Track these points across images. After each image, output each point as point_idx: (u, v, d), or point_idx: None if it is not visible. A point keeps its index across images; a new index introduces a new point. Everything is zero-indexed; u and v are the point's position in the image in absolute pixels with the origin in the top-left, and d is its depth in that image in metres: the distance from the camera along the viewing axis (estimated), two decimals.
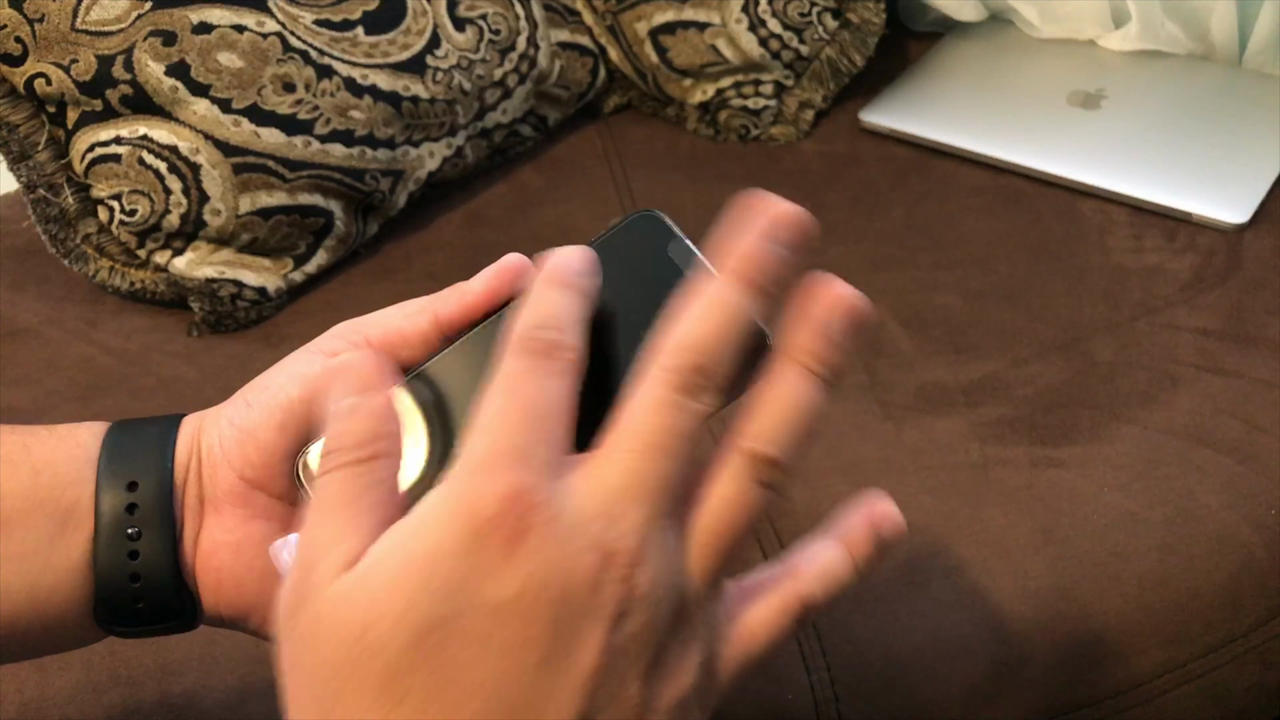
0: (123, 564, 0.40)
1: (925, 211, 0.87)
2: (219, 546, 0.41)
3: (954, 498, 0.65)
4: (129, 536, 0.40)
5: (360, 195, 0.84)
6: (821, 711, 0.58)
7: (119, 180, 0.78)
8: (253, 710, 0.56)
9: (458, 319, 0.41)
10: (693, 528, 0.32)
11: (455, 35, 0.87)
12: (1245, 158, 0.87)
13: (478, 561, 0.29)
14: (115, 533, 0.40)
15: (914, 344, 0.76)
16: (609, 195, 0.92)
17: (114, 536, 0.40)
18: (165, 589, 0.40)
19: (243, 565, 0.41)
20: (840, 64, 0.95)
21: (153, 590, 0.40)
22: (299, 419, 0.40)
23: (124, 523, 0.40)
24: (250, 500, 0.40)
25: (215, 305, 0.81)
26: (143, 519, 0.40)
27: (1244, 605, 0.63)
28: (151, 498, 0.40)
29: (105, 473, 0.40)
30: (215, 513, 0.41)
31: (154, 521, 0.40)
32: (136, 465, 0.40)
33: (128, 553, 0.40)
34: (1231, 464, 0.66)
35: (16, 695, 0.57)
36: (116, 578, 0.40)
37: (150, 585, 0.40)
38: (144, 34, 0.77)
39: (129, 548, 0.40)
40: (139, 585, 0.40)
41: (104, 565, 0.40)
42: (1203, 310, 0.76)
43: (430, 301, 0.41)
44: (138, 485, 0.40)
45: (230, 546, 0.41)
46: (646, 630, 0.30)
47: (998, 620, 0.60)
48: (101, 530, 0.40)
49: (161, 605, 0.40)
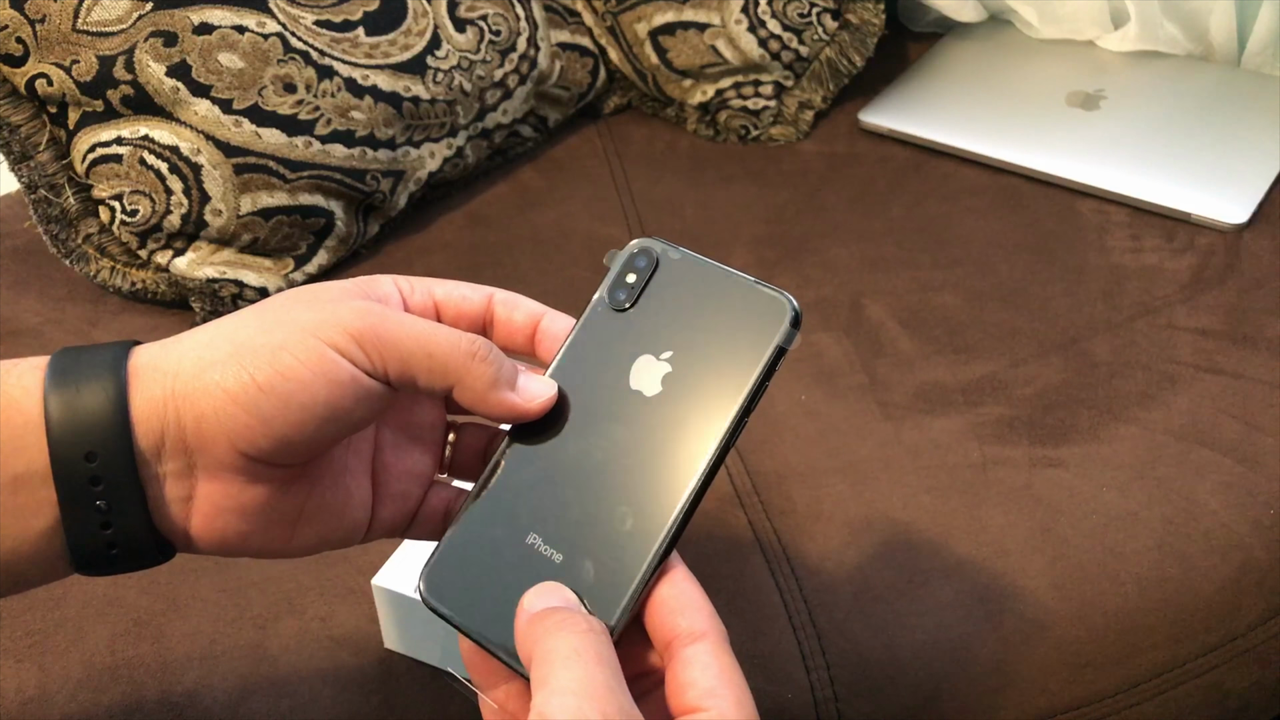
0: (96, 534, 0.39)
1: (925, 211, 0.87)
2: (222, 511, 0.40)
3: (954, 498, 0.65)
4: (99, 510, 0.39)
5: (361, 195, 0.84)
6: (821, 711, 0.58)
7: (120, 180, 0.78)
8: (253, 709, 0.56)
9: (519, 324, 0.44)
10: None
11: (456, 36, 0.87)
12: (1244, 158, 0.87)
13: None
14: (84, 506, 0.38)
15: (914, 344, 0.76)
16: (609, 195, 0.92)
17: (83, 510, 0.38)
18: (143, 545, 0.40)
19: (248, 524, 0.41)
20: (840, 64, 0.95)
21: (130, 549, 0.40)
22: (319, 421, 0.39)
23: (90, 495, 0.38)
24: (254, 469, 0.40)
25: (216, 305, 0.81)
26: (110, 490, 0.38)
27: (1243, 605, 0.63)
28: (115, 466, 0.38)
29: (58, 443, 0.38)
30: (212, 479, 0.40)
31: (122, 490, 0.39)
32: (92, 433, 0.38)
33: (100, 523, 0.39)
34: (1231, 464, 0.66)
35: (16, 695, 0.57)
36: (92, 545, 0.39)
37: (127, 547, 0.40)
38: (145, 35, 0.77)
39: (100, 519, 0.39)
40: (116, 550, 0.39)
41: (76, 535, 0.39)
42: (1202, 310, 0.76)
43: (476, 338, 0.41)
44: (97, 455, 0.38)
45: (235, 511, 0.40)
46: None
47: (997, 620, 0.60)
48: (67, 504, 0.38)
49: (139, 555, 0.40)
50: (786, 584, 0.62)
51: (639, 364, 0.41)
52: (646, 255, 0.42)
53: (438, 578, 0.41)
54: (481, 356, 0.40)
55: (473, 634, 0.40)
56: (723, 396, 0.40)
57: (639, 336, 0.42)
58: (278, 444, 0.39)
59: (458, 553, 0.41)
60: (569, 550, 0.39)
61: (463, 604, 0.40)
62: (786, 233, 0.86)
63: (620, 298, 0.42)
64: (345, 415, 0.39)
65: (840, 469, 0.67)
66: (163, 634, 0.59)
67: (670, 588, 0.38)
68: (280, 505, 0.41)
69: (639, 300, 0.42)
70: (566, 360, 0.42)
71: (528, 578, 0.39)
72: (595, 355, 0.42)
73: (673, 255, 0.42)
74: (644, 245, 0.43)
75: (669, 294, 0.42)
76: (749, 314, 0.40)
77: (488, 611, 0.40)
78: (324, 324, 0.39)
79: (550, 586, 0.38)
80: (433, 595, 0.41)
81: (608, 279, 0.43)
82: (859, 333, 0.77)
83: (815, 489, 0.66)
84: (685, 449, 0.40)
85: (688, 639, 0.37)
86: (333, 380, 0.39)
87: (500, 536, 0.41)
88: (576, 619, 0.36)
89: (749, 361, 0.40)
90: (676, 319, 0.41)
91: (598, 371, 0.42)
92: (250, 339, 0.39)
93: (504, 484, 0.42)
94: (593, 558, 0.39)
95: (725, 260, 0.44)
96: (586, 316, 0.43)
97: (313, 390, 0.38)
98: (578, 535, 0.40)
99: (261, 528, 0.41)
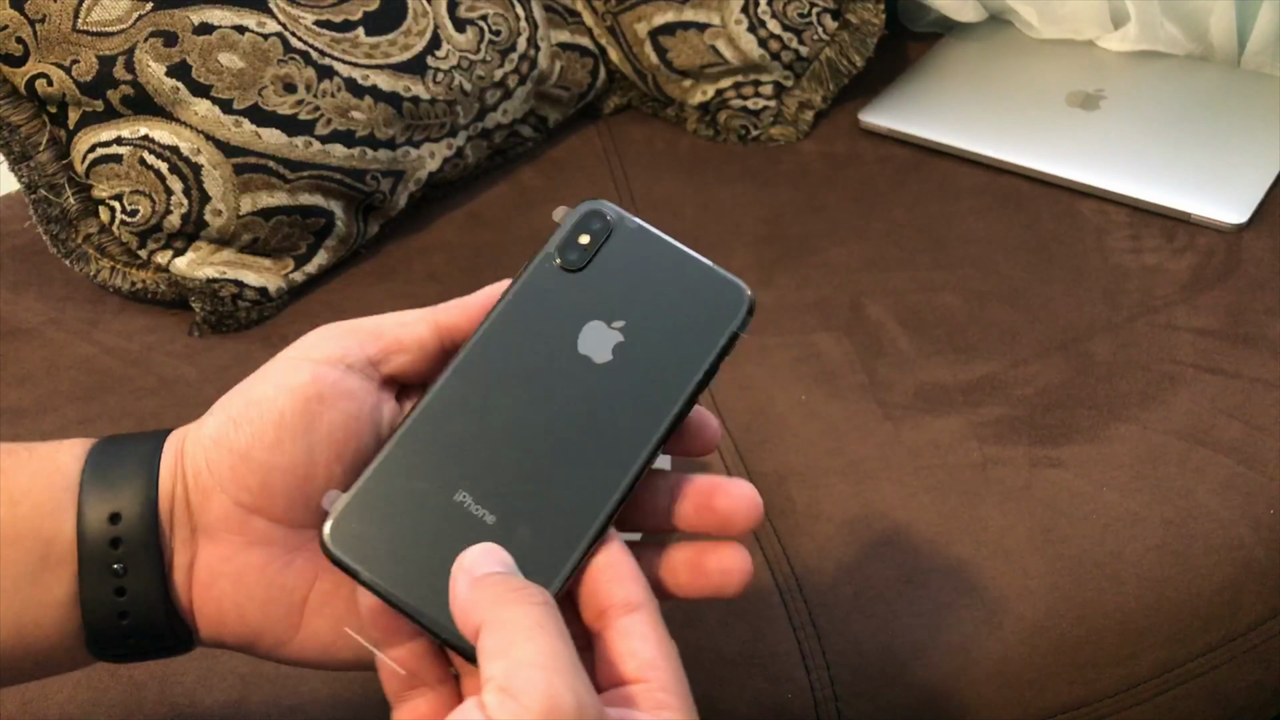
0: (109, 600, 0.38)
1: (925, 211, 0.87)
2: (218, 578, 0.39)
3: (954, 498, 0.65)
4: (114, 572, 0.38)
5: (361, 196, 0.84)
6: (821, 711, 0.58)
7: (120, 180, 0.78)
8: (253, 710, 0.56)
9: (460, 325, 0.41)
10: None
11: (456, 36, 0.87)
12: (1244, 158, 0.87)
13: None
14: (100, 568, 0.38)
15: (914, 344, 0.76)
16: (609, 195, 0.92)
17: (99, 572, 0.38)
18: (156, 623, 0.39)
19: (244, 594, 0.39)
20: (840, 64, 0.95)
21: (142, 624, 0.39)
22: (294, 433, 0.38)
23: (108, 557, 0.38)
24: (247, 526, 0.39)
25: (216, 305, 0.81)
26: (128, 553, 0.38)
27: (1243, 605, 0.63)
28: (136, 529, 0.38)
29: (86, 504, 0.38)
30: (210, 542, 0.39)
31: (140, 553, 0.38)
32: (119, 495, 0.38)
33: (114, 589, 0.38)
34: (1231, 464, 0.66)
35: (17, 695, 0.57)
36: (104, 614, 0.38)
37: (139, 621, 0.39)
38: (145, 35, 0.77)
39: (115, 584, 0.38)
40: (128, 621, 0.38)
41: (90, 602, 0.38)
42: (1202, 310, 0.76)
43: (428, 311, 0.41)
44: (120, 516, 0.38)
45: (230, 577, 0.39)
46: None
47: (997, 620, 0.60)
48: (85, 565, 0.38)
49: (153, 637, 0.39)
50: (786, 584, 0.62)
51: (589, 329, 0.40)
52: (600, 219, 0.41)
53: (346, 527, 0.38)
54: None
55: (382, 590, 0.37)
56: (677, 373, 0.39)
57: (590, 301, 0.40)
58: (261, 475, 0.38)
59: (372, 502, 0.38)
60: (503, 512, 0.38)
61: (373, 557, 0.37)
62: (786, 233, 0.86)
63: (572, 258, 0.41)
64: (316, 416, 0.38)
65: (840, 469, 0.67)
66: None
67: (606, 557, 0.37)
68: (281, 579, 0.40)
69: (591, 262, 0.41)
70: (510, 311, 0.40)
71: (456, 537, 0.37)
72: (541, 311, 0.40)
73: (629, 224, 0.41)
74: (599, 207, 0.41)
75: (623, 262, 0.41)
76: (705, 296, 0.40)
77: (405, 568, 0.37)
78: (299, 344, 0.40)
79: (491, 548, 0.36)
80: (338, 545, 0.38)
81: (559, 235, 0.41)
82: (859, 333, 0.77)
83: (815, 489, 0.66)
84: (635, 422, 0.39)
85: (624, 609, 0.36)
86: (293, 388, 0.39)
87: (424, 490, 0.38)
88: (531, 590, 0.34)
89: (704, 342, 0.39)
90: (631, 289, 0.40)
91: (543, 329, 0.40)
92: (240, 385, 0.40)
93: (430, 434, 0.39)
94: (530, 523, 0.38)
95: (725, 260, 0.44)
96: (533, 270, 0.41)
97: (278, 405, 0.38)
98: (514, 497, 0.38)
99: (260, 604, 0.39)
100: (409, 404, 0.42)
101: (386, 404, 0.41)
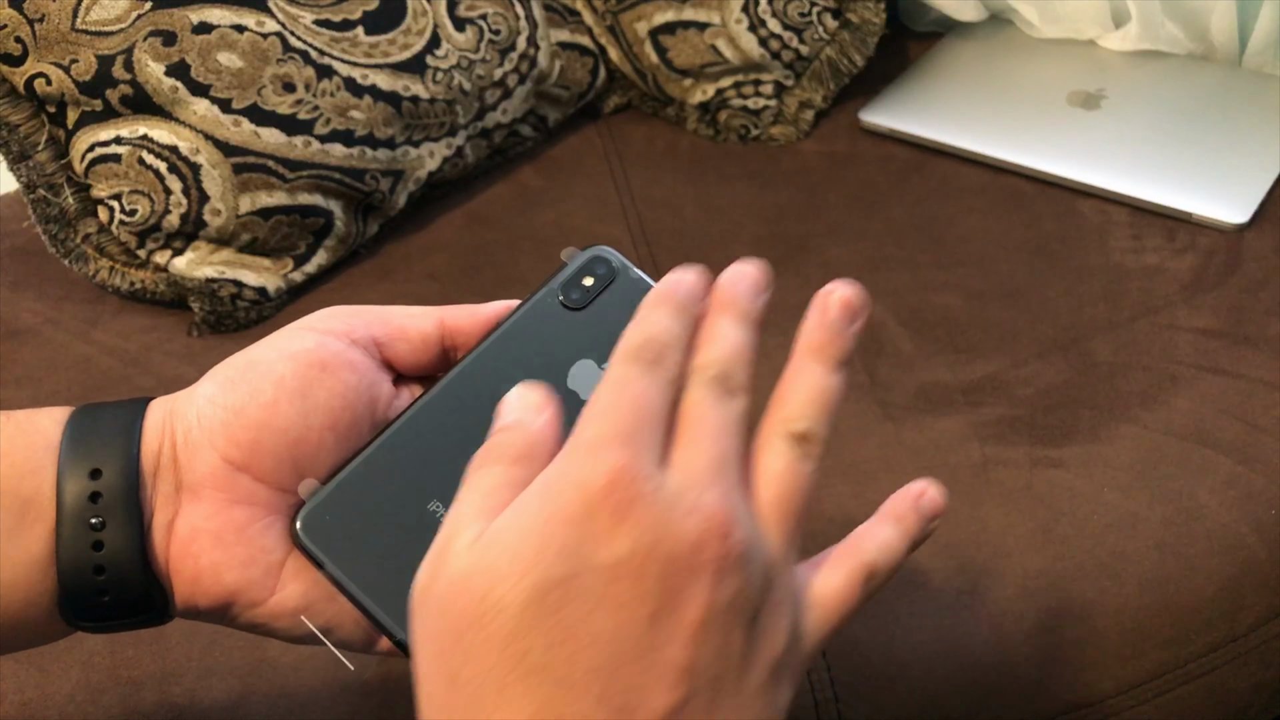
0: (86, 555, 0.38)
1: (925, 211, 0.87)
2: (198, 534, 0.39)
3: (954, 498, 0.65)
4: (92, 526, 0.38)
5: (360, 195, 0.84)
6: (821, 711, 0.58)
7: (119, 180, 0.78)
8: (253, 711, 0.56)
9: (465, 329, 0.43)
10: (757, 502, 0.35)
11: (455, 35, 0.87)
12: (1245, 158, 0.87)
13: (591, 528, 0.31)
14: (77, 522, 0.38)
15: (914, 344, 0.76)
16: (609, 195, 0.92)
17: (76, 526, 0.38)
18: (132, 580, 0.39)
19: (223, 553, 0.39)
20: (840, 64, 0.95)
21: (119, 582, 0.38)
22: (291, 394, 0.39)
23: (87, 511, 0.38)
24: (233, 484, 0.39)
25: (215, 305, 0.81)
26: (107, 508, 0.38)
27: (1243, 605, 0.63)
28: (116, 485, 0.38)
29: (67, 460, 0.38)
30: (194, 499, 0.39)
31: (119, 510, 0.38)
32: (100, 451, 0.38)
33: (91, 543, 0.38)
34: (1231, 464, 0.66)
35: (16, 695, 0.57)
36: (80, 570, 0.38)
37: (116, 577, 0.38)
38: (144, 34, 0.77)
39: (92, 538, 0.38)
40: (104, 578, 0.38)
41: (66, 557, 0.38)
42: (1203, 310, 0.76)
43: (437, 309, 0.43)
44: (101, 472, 0.38)
45: (210, 534, 0.39)
46: (745, 587, 0.32)
47: (998, 620, 0.60)
48: (63, 520, 0.38)
49: (129, 598, 0.39)
50: None
51: (580, 366, 0.42)
52: (606, 265, 0.43)
53: (319, 519, 0.39)
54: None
55: (343, 584, 0.39)
56: None
57: (585, 340, 0.42)
58: (254, 433, 0.39)
59: (347, 498, 0.40)
60: None
61: (341, 553, 0.39)
62: (786, 233, 0.86)
63: (574, 297, 0.43)
64: (315, 382, 0.39)
65: (840, 469, 0.67)
66: (162, 635, 0.59)
67: None
68: (262, 540, 0.40)
69: (591, 304, 0.43)
70: (508, 336, 0.42)
71: (423, 546, 0.37)
72: (536, 343, 0.42)
73: (631, 274, 0.43)
74: (606, 254, 0.44)
75: (621, 309, 0.42)
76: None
77: (369, 568, 0.39)
78: (306, 318, 0.42)
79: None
80: (309, 536, 0.39)
81: (564, 273, 0.43)
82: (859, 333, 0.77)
83: (815, 489, 0.66)
84: None
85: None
86: (296, 353, 0.40)
87: (399, 494, 0.40)
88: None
89: None
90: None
91: (537, 359, 0.42)
92: (242, 350, 0.41)
93: (414, 442, 0.40)
94: None
95: (725, 260, 0.44)
96: (535, 302, 0.43)
97: (279, 368, 0.39)
98: None
99: (239, 564, 0.39)
100: (402, 396, 0.43)
101: (384, 384, 0.42)
